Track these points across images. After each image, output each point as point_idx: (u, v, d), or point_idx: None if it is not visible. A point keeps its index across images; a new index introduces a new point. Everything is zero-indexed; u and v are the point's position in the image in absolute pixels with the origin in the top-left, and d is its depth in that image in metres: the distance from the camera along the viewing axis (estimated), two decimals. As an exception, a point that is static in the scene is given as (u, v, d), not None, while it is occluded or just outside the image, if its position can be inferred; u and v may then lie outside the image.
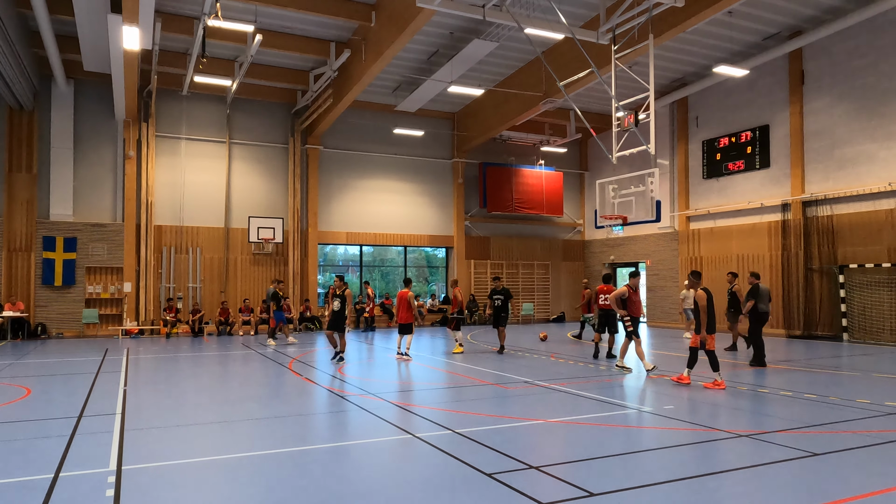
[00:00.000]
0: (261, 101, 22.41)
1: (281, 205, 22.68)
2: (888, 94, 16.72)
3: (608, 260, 26.66)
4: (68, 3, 14.84)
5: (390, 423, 7.51)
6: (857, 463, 5.77)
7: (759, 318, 12.51)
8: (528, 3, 15.07)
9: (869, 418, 7.60)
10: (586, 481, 5.20)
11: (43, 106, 19.58)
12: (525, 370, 11.97)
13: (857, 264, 17.23)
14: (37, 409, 8.50)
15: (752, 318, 12.54)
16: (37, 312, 19.34)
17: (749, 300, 12.63)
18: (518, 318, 26.23)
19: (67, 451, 6.20)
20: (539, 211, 26.43)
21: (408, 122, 24.02)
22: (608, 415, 8.00)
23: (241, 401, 9.20)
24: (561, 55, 17.80)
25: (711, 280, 21.67)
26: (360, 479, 5.42)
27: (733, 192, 21.15)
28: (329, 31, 18.25)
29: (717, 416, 7.85)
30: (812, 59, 18.56)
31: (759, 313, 12.52)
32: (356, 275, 24.71)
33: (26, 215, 19.26)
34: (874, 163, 17.07)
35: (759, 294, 12.57)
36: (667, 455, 6.16)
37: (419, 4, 12.78)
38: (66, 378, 11.19)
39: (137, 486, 5.17)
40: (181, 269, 21.14)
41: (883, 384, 10.23)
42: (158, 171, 20.92)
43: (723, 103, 21.45)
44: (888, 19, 16.53)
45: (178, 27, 17.06)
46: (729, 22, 17.15)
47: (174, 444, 6.61)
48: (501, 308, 15.32)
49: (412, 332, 14.10)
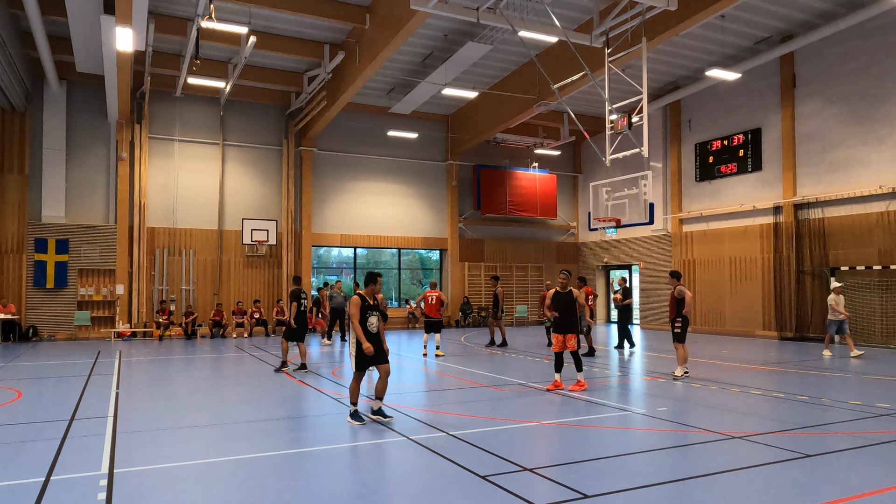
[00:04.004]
0: (255, 102, 22.37)
1: (275, 207, 22.63)
2: (879, 97, 16.86)
3: (602, 263, 26.73)
4: (61, 3, 14.77)
5: (384, 425, 7.49)
6: (849, 464, 5.81)
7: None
8: (522, 6, 15.10)
9: (860, 420, 7.65)
10: (580, 483, 5.21)
11: (35, 107, 19.47)
12: (519, 372, 11.98)
13: (848, 267, 17.34)
14: (28, 411, 8.44)
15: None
16: (28, 315, 19.21)
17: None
18: (512, 320, 26.26)
19: (59, 454, 6.16)
20: (533, 213, 26.48)
21: (402, 124, 24.03)
22: (602, 417, 8.02)
23: (233, 403, 9.17)
24: (555, 58, 17.86)
25: (708, 282, 21.77)
26: (354, 482, 5.42)
27: (726, 195, 21.25)
28: (323, 33, 18.25)
29: (709, 418, 7.87)
30: (804, 62, 18.69)
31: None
32: (350, 277, 24.69)
33: (18, 217, 19.13)
34: (865, 166, 17.19)
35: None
36: (660, 457, 6.18)
37: (413, 7, 12.79)
38: (58, 381, 11.12)
39: (129, 489, 5.15)
40: (174, 272, 21.06)
41: (874, 386, 10.30)
42: (151, 172, 20.83)
43: (715, 106, 21.57)
44: (879, 24, 16.66)
45: (171, 28, 17.01)
46: (721, 26, 17.25)
47: (166, 446, 6.58)
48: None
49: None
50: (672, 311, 11.25)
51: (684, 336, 11.13)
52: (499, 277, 18.14)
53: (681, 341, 11.13)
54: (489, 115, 22.79)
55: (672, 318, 11.26)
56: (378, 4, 15.99)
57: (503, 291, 17.94)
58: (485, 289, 25.78)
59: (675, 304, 11.16)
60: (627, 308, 16.08)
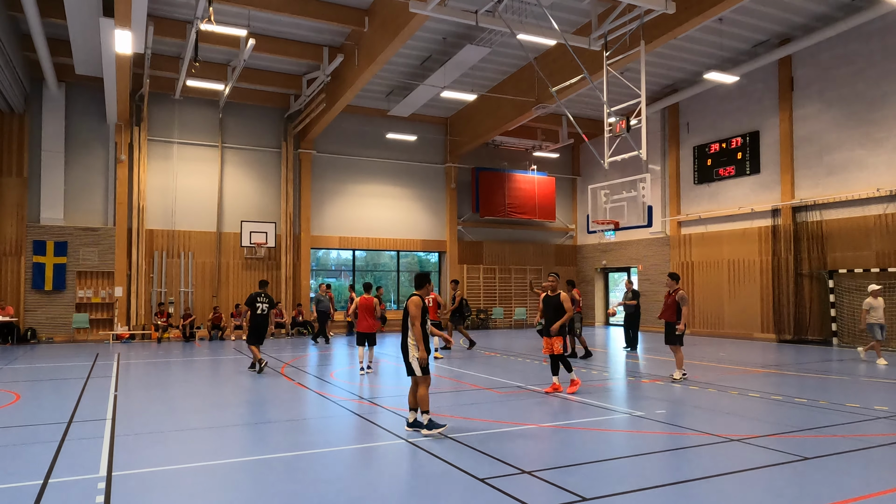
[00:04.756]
0: (254, 105, 22.38)
1: (273, 209, 22.63)
2: (876, 100, 16.90)
3: (600, 265, 26.75)
4: (60, 6, 14.77)
5: (382, 427, 7.50)
6: (847, 466, 5.82)
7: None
8: (521, 9, 15.14)
9: (859, 422, 7.65)
10: (579, 486, 5.22)
11: (34, 109, 19.47)
12: (517, 375, 11.98)
13: (846, 269, 17.36)
14: (26, 414, 8.43)
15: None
16: (26, 317, 19.18)
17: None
18: (511, 322, 26.25)
19: (57, 456, 6.15)
20: (531, 216, 26.50)
21: (401, 126, 24.04)
22: (600, 419, 8.03)
23: (232, 406, 9.16)
24: (553, 61, 17.89)
25: (707, 285, 21.79)
26: (352, 485, 5.41)
27: (724, 198, 21.28)
28: (322, 36, 18.27)
29: (708, 421, 7.88)
30: (801, 66, 18.74)
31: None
32: (348, 280, 24.67)
33: (16, 219, 19.11)
34: (863, 169, 17.23)
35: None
36: (658, 459, 6.19)
37: (412, 10, 12.82)
38: (56, 383, 11.10)
39: (127, 491, 5.14)
40: (173, 274, 21.04)
41: (872, 388, 10.31)
42: (150, 175, 20.83)
43: (713, 109, 21.61)
44: (876, 27, 16.71)
45: (170, 31, 17.03)
46: (719, 29, 17.29)
47: (165, 449, 6.57)
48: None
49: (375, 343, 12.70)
50: (669, 313, 11.25)
51: (682, 339, 11.17)
52: (458, 281, 18.13)
53: (680, 344, 11.16)
54: (488, 118, 22.81)
55: (668, 320, 11.26)
56: (377, 7, 16.02)
57: (461, 295, 17.87)
58: (484, 290, 25.81)
59: (674, 306, 11.16)
60: (636, 310, 16.20)
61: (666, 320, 11.31)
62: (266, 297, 12.61)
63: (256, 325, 12.42)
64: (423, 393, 7.10)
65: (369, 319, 12.35)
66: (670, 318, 11.20)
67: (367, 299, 12.40)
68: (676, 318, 11.06)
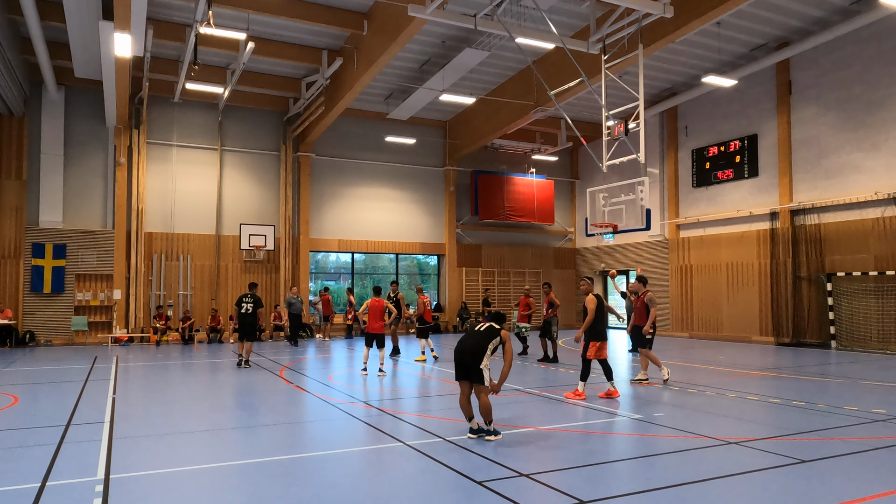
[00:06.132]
0: (253, 108, 22.40)
1: (272, 212, 22.63)
2: (874, 104, 16.95)
3: (598, 268, 26.75)
4: (60, 9, 14.81)
5: (380, 430, 7.50)
6: (845, 470, 5.82)
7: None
8: (519, 13, 15.18)
9: (857, 425, 7.66)
10: (577, 489, 5.22)
11: (33, 112, 19.48)
12: (515, 377, 11.97)
13: (844, 272, 17.39)
14: (24, 417, 8.42)
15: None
16: (25, 320, 19.17)
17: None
18: (509, 325, 26.20)
19: (55, 459, 6.15)
20: (530, 219, 26.52)
21: (400, 130, 24.07)
22: (598, 422, 8.03)
23: (230, 409, 9.16)
24: (552, 64, 17.93)
25: (705, 288, 21.81)
26: (350, 487, 5.41)
27: (722, 201, 21.32)
28: (321, 40, 18.30)
29: (706, 424, 7.88)
30: (799, 69, 18.80)
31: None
32: (347, 282, 24.66)
33: (15, 222, 19.11)
34: (861, 172, 17.27)
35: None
36: (657, 462, 6.19)
37: (411, 13, 12.85)
38: (55, 386, 11.09)
39: (125, 494, 5.14)
40: (172, 277, 21.04)
41: (870, 391, 10.32)
42: (149, 178, 20.84)
43: (712, 113, 21.66)
44: (874, 31, 16.77)
45: (169, 34, 17.05)
46: (717, 33, 17.34)
47: (163, 452, 6.57)
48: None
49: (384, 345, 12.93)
50: (639, 316, 11.29)
51: (652, 342, 11.26)
52: (396, 281, 17.92)
53: (650, 347, 11.23)
54: (487, 121, 22.85)
55: (637, 324, 11.31)
56: (376, 11, 16.05)
57: (403, 297, 17.43)
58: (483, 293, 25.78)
59: (643, 309, 11.24)
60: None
61: (635, 324, 11.35)
62: (252, 298, 13.80)
63: (242, 324, 13.77)
64: (488, 402, 6.92)
65: (378, 321, 12.82)
66: (641, 321, 11.25)
67: (378, 301, 12.93)
68: (647, 321, 11.10)
